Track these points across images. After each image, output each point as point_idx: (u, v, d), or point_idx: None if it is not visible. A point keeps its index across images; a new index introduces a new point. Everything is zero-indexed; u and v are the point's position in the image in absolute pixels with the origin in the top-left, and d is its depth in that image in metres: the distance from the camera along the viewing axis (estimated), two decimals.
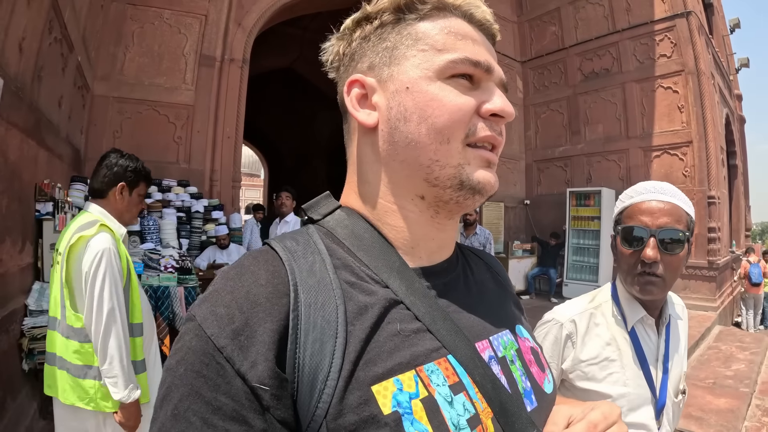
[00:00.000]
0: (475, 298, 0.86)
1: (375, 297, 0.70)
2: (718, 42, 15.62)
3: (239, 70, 8.53)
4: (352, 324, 0.65)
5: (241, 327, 0.61)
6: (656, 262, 1.46)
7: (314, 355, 0.62)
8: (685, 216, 1.51)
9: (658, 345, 1.62)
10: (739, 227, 16.73)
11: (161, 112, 7.73)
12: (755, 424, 6.20)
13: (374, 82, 0.78)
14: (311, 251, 0.72)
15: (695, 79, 11.37)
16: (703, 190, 11.18)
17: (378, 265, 0.74)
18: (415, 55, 0.76)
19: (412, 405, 0.63)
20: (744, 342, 9.76)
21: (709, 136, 11.22)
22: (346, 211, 0.81)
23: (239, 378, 0.59)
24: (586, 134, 13.27)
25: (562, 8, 13.79)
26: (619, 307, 1.64)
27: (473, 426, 0.67)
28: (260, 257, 0.70)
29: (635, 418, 1.52)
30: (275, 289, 0.65)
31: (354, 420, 0.60)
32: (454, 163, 0.75)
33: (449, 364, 0.70)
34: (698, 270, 11.20)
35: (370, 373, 0.63)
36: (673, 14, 11.72)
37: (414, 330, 0.70)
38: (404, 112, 0.75)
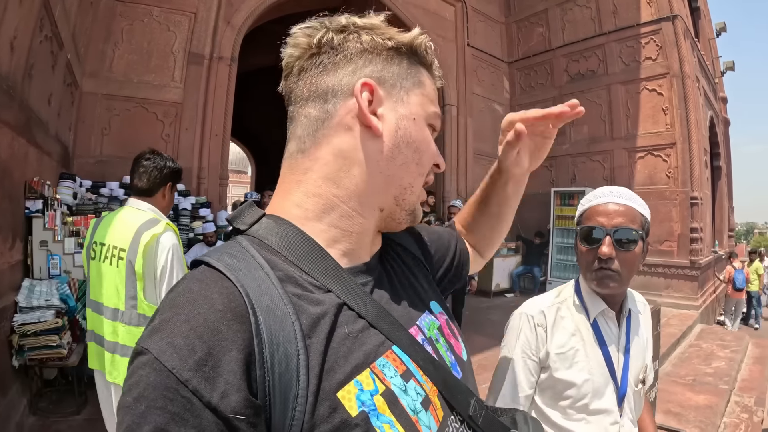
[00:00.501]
0: (399, 287, 0.92)
1: (323, 306, 0.71)
2: (704, 45, 15.77)
3: (228, 68, 8.53)
4: (308, 337, 0.66)
5: (204, 357, 0.58)
6: (612, 258, 1.59)
7: (282, 376, 0.62)
8: (639, 217, 1.63)
9: (619, 336, 1.73)
10: (723, 228, 16.91)
11: (150, 109, 7.73)
12: (734, 420, 6.31)
13: (383, 96, 0.82)
14: (253, 266, 0.70)
15: (680, 81, 11.52)
16: (686, 191, 11.33)
17: (316, 271, 0.74)
18: (418, 94, 0.85)
19: (374, 401, 0.68)
20: (725, 340, 9.87)
21: (692, 138, 11.36)
22: (272, 218, 0.80)
23: (209, 410, 0.57)
24: (572, 135, 13.38)
25: (550, 10, 13.90)
26: (582, 300, 1.76)
27: (426, 407, 0.74)
28: (206, 280, 0.67)
29: (599, 405, 1.64)
30: (234, 314, 0.63)
31: (328, 428, 0.62)
32: (417, 194, 0.88)
33: (395, 354, 0.76)
34: (681, 269, 11.36)
35: (333, 381, 0.65)
36: (659, 18, 11.86)
37: (360, 329, 0.73)
38: (409, 137, 0.83)
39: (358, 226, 0.83)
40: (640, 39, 12.19)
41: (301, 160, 0.82)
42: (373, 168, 0.81)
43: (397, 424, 0.68)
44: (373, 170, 0.81)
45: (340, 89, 0.80)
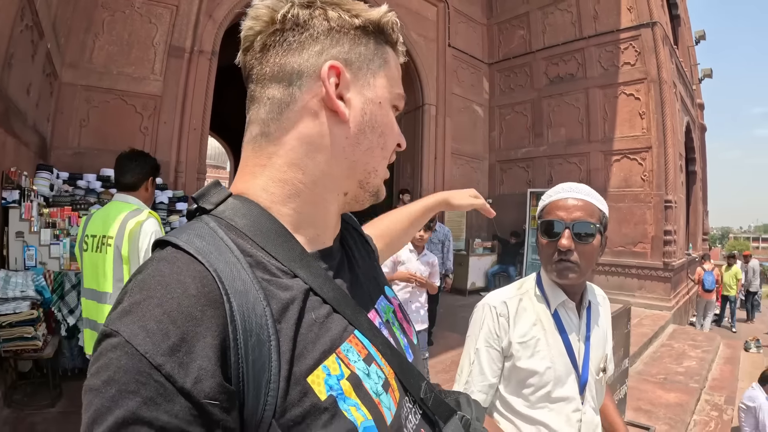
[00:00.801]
0: (358, 270, 0.94)
1: (292, 291, 0.71)
2: (683, 52, 16.03)
3: (208, 62, 8.45)
4: (278, 323, 0.66)
5: (178, 343, 0.58)
6: (571, 250, 1.67)
7: (256, 362, 0.62)
8: (597, 211, 1.71)
9: (580, 326, 1.80)
10: (697, 231, 17.19)
11: (128, 101, 7.62)
12: (704, 417, 6.47)
13: (350, 79, 0.80)
14: (223, 250, 0.68)
15: (657, 87, 11.72)
16: (661, 195, 11.52)
17: (282, 255, 0.74)
18: (383, 76, 0.84)
19: (341, 385, 0.69)
20: (696, 340, 10.06)
21: (668, 142, 11.56)
22: (239, 199, 0.78)
23: (182, 396, 0.56)
24: (549, 137, 13.56)
25: (531, 13, 14.04)
26: (543, 292, 1.83)
27: (386, 389, 0.77)
28: (177, 261, 0.65)
29: (561, 393, 1.71)
30: (208, 300, 0.62)
31: (299, 412, 0.63)
32: (381, 176, 0.88)
33: (358, 339, 0.77)
34: (654, 271, 11.55)
35: (303, 366, 0.66)
36: (638, 24, 12.05)
37: (325, 314, 0.74)
38: (374, 122, 0.82)
39: (323, 211, 0.83)
40: (620, 44, 12.38)
41: (265, 145, 0.80)
42: (339, 154, 0.80)
43: (362, 407, 0.70)
44: (339, 156, 0.80)
45: (305, 71, 0.78)
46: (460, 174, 13.80)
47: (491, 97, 14.97)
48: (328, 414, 0.65)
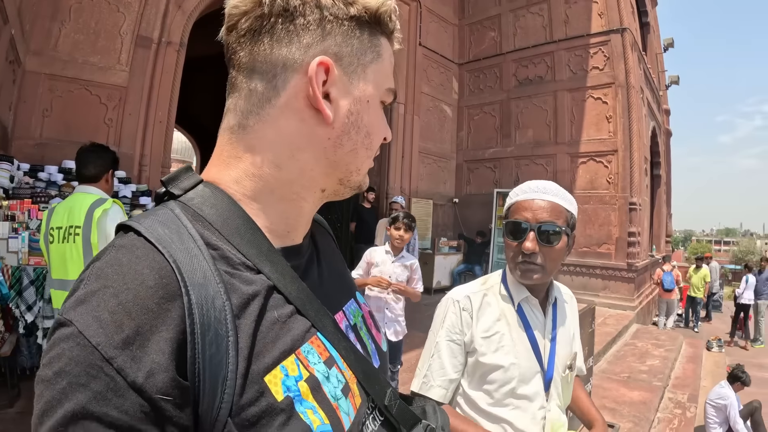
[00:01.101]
0: (327, 272, 0.91)
1: (254, 286, 0.69)
2: (651, 59, 16.37)
3: (176, 53, 8.26)
4: (238, 318, 0.64)
5: (132, 335, 0.56)
6: (535, 252, 1.65)
7: (213, 358, 0.60)
8: (564, 213, 1.68)
9: (545, 323, 1.79)
10: (660, 233, 17.58)
11: (93, 92, 7.37)
12: (667, 415, 6.59)
13: (339, 76, 0.76)
14: (185, 239, 0.66)
15: (624, 92, 11.95)
16: (626, 197, 11.73)
17: (248, 250, 0.71)
18: (374, 71, 0.80)
19: (299, 387, 0.67)
20: (660, 339, 10.26)
21: (634, 146, 11.78)
22: (209, 187, 0.75)
23: (133, 391, 0.54)
24: (517, 138, 13.69)
25: (503, 15, 14.17)
26: (507, 289, 1.81)
27: (346, 394, 0.74)
28: (136, 250, 0.63)
29: (526, 390, 1.69)
30: (166, 292, 0.60)
31: (255, 412, 0.61)
32: (364, 172, 0.85)
33: (320, 341, 0.75)
34: (618, 271, 11.75)
35: (261, 365, 0.64)
36: (608, 29, 12.28)
37: (288, 314, 0.71)
38: (359, 122, 0.78)
39: (297, 209, 0.81)
40: (589, 49, 12.59)
41: (242, 137, 0.76)
42: (320, 154, 0.77)
43: (320, 410, 0.68)
44: (320, 156, 0.78)
45: (291, 65, 0.73)
46: (427, 173, 13.84)
47: (460, 97, 15.05)
48: (284, 416, 0.64)
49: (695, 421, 6.72)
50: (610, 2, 12.28)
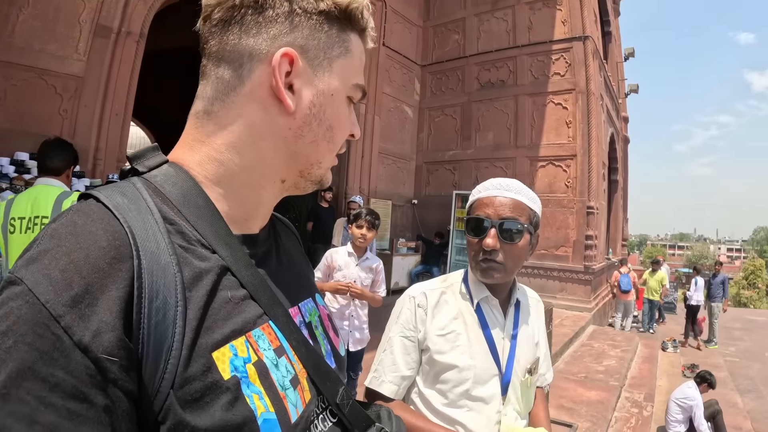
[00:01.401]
0: (285, 267, 0.92)
1: (208, 263, 0.69)
2: (612, 67, 16.77)
3: (135, 44, 7.96)
4: (189, 290, 0.64)
5: (81, 293, 0.55)
6: (496, 249, 1.60)
7: (158, 325, 0.60)
8: (527, 210, 1.65)
9: (505, 324, 1.73)
10: (617, 237, 18.00)
11: (49, 81, 7.03)
12: (624, 414, 6.69)
13: (303, 68, 0.77)
14: (143, 211, 0.66)
15: (585, 98, 12.21)
16: (583, 201, 11.96)
17: (206, 230, 0.72)
18: (341, 66, 0.80)
19: (246, 369, 0.67)
20: (616, 340, 10.49)
21: (592, 151, 12.03)
22: (174, 167, 0.76)
23: (79, 350, 0.53)
24: (477, 140, 13.83)
25: (468, 19, 14.32)
26: (468, 288, 1.76)
27: (294, 386, 0.74)
28: (93, 214, 0.63)
29: (481, 392, 1.63)
30: (118, 253, 0.60)
31: (199, 387, 0.61)
32: (327, 165, 0.86)
33: (271, 329, 0.75)
34: (575, 273, 11.97)
35: (210, 340, 0.64)
36: (571, 37, 12.54)
37: (241, 297, 0.72)
38: (322, 115, 0.79)
39: (256, 197, 0.82)
40: (552, 55, 12.84)
41: (206, 122, 0.78)
42: (280, 144, 0.79)
43: (266, 397, 0.68)
44: (280, 146, 0.79)
45: (257, 55, 0.75)
46: (387, 174, 13.84)
47: (422, 98, 15.12)
48: (230, 395, 0.63)
49: (652, 419, 6.84)
50: (574, 10, 12.53)
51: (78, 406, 0.53)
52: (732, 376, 10.11)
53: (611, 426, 6.16)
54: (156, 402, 0.59)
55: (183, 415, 0.60)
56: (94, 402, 0.54)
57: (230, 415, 0.62)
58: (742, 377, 10.25)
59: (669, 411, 7.11)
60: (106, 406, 0.55)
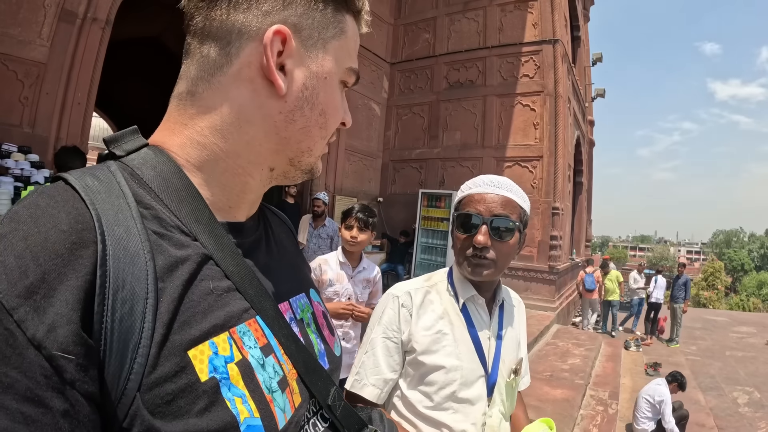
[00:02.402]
0: (277, 259, 0.87)
1: (187, 251, 0.64)
2: (580, 71, 17.06)
3: (101, 31, 7.66)
4: (162, 281, 0.59)
5: (37, 283, 0.50)
6: (487, 246, 1.57)
7: (124, 319, 0.54)
8: (518, 208, 1.63)
9: (490, 324, 1.71)
10: (581, 238, 18.30)
11: (10, 66, 6.70)
12: (590, 412, 6.78)
13: (296, 48, 0.73)
14: (115, 194, 0.61)
15: (552, 101, 12.38)
16: (549, 201, 12.12)
17: (186, 215, 0.67)
18: (336, 48, 0.77)
19: (228, 369, 0.61)
20: (580, 339, 10.67)
21: (558, 153, 12.20)
22: (154, 150, 0.71)
23: (33, 347, 0.48)
24: (444, 140, 13.89)
25: (439, 18, 14.36)
26: (453, 286, 1.74)
27: (283, 388, 0.69)
28: (57, 196, 0.58)
29: (467, 394, 1.60)
30: (79, 237, 0.54)
31: (171, 390, 0.55)
32: (317, 154, 0.82)
33: (258, 325, 0.70)
34: (539, 273, 12.12)
35: (185, 336, 0.59)
36: (541, 40, 12.68)
37: (225, 289, 0.67)
38: (315, 99, 0.75)
39: (241, 184, 0.77)
40: (521, 57, 12.97)
41: (190, 104, 0.73)
42: (269, 129, 0.74)
43: (250, 400, 0.62)
44: (269, 131, 0.74)
45: (247, 32, 0.70)
46: (353, 171, 13.79)
47: (390, 96, 15.09)
48: (207, 399, 0.57)
49: (617, 417, 6.96)
50: (545, 14, 12.68)
51: (33, 410, 0.48)
52: (693, 374, 10.35)
53: (577, 424, 6.23)
54: (120, 407, 0.54)
55: (152, 422, 0.54)
56: (50, 406, 0.49)
57: (206, 421, 0.57)
58: (704, 375, 10.50)
59: (638, 407, 7.20)
60: (65, 411, 0.50)
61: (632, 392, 8.92)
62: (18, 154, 6.55)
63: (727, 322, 19.34)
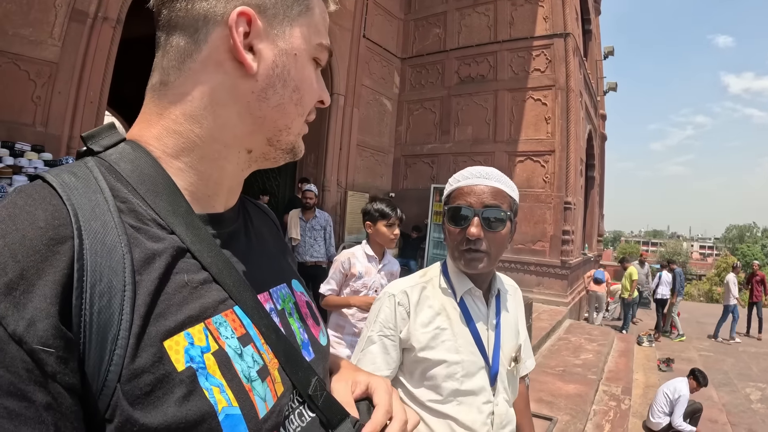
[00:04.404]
0: (256, 250, 0.88)
1: (163, 244, 0.65)
2: (591, 65, 16.92)
3: (112, 30, 7.74)
4: (139, 274, 0.60)
5: (16, 279, 0.51)
6: (480, 238, 1.58)
7: (102, 311, 0.56)
8: (507, 198, 1.64)
9: (488, 315, 1.73)
10: (592, 233, 18.20)
11: (22, 67, 6.74)
12: (603, 407, 6.76)
13: (263, 28, 0.74)
14: (93, 189, 0.63)
15: (564, 95, 12.33)
16: (561, 196, 12.07)
17: (163, 208, 0.68)
18: (303, 25, 0.78)
19: (204, 359, 0.62)
20: (592, 334, 10.61)
21: (570, 147, 12.14)
22: (131, 144, 0.73)
23: (14, 342, 0.50)
24: (456, 134, 13.89)
25: (449, 13, 14.33)
26: (449, 280, 1.74)
27: (263, 377, 0.70)
28: (35, 194, 0.59)
29: (471, 385, 1.62)
30: (56, 233, 0.56)
31: (149, 380, 0.56)
32: (296, 132, 0.82)
33: (236, 315, 0.71)
34: (552, 268, 12.09)
35: (161, 327, 0.60)
36: (552, 33, 12.63)
37: (201, 281, 0.68)
38: (287, 76, 0.76)
39: (219, 169, 0.77)
40: (532, 51, 12.91)
41: (163, 93, 0.74)
42: (243, 109, 0.75)
43: (228, 390, 0.63)
44: (243, 111, 0.75)
45: (212, 17, 0.71)
46: (365, 166, 13.83)
47: (401, 91, 15.10)
48: (184, 388, 0.58)
49: (630, 412, 6.94)
50: (556, 7, 12.61)
51: (17, 404, 0.49)
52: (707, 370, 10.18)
53: (590, 419, 6.21)
54: (102, 398, 0.55)
55: (131, 412, 0.55)
56: (33, 400, 0.50)
57: (185, 410, 0.58)
58: (716, 371, 10.41)
59: (656, 401, 7.20)
60: (48, 404, 0.51)
61: (645, 388, 8.89)
62: (31, 152, 6.63)
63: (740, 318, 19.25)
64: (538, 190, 12.38)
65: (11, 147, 6.47)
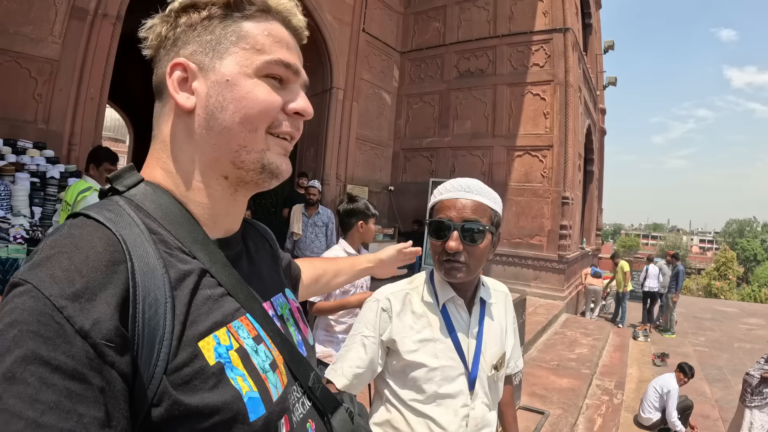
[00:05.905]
0: (257, 266, 1.03)
1: (190, 265, 0.79)
2: (591, 59, 16.89)
3: (112, 26, 7.76)
4: (175, 289, 0.74)
5: (82, 290, 0.62)
6: (459, 251, 1.65)
7: (151, 318, 0.68)
8: (488, 211, 1.70)
9: (470, 323, 1.80)
10: (591, 227, 18.25)
11: (23, 64, 6.82)
12: (595, 401, 6.81)
13: (196, 68, 0.83)
14: (129, 223, 0.75)
15: (563, 89, 12.31)
16: (559, 191, 12.10)
17: (185, 238, 0.81)
18: (236, 52, 0.84)
19: (230, 355, 0.76)
20: (588, 329, 10.67)
21: (569, 142, 12.15)
22: (150, 185, 0.84)
23: (80, 337, 0.60)
24: (454, 128, 13.90)
25: (449, 7, 14.28)
26: (433, 288, 1.83)
27: (274, 369, 0.85)
28: (86, 226, 0.71)
29: (449, 389, 1.70)
30: (113, 257, 0.68)
31: (188, 372, 0.70)
32: (258, 149, 0.86)
33: (249, 321, 0.85)
34: (549, 262, 12.14)
35: (195, 331, 0.73)
36: (552, 28, 12.58)
37: (220, 294, 0.82)
38: (222, 101, 0.83)
39: (210, 197, 0.88)
40: (531, 46, 12.87)
41: (155, 142, 0.89)
42: (198, 142, 0.85)
43: (249, 378, 0.77)
44: (198, 144, 0.85)
45: (162, 78, 0.85)
46: (364, 160, 13.88)
47: (400, 85, 15.11)
48: (215, 378, 0.72)
49: (622, 407, 6.99)
50: (555, 2, 12.56)
51: (77, 386, 0.58)
52: (701, 366, 10.35)
53: (582, 413, 6.27)
54: (150, 387, 0.67)
55: (177, 396, 0.68)
56: (91, 382, 0.60)
57: (217, 395, 0.71)
58: (711, 367, 10.52)
59: (647, 396, 7.33)
60: (102, 387, 0.61)
61: (638, 382, 8.97)
62: (33, 150, 6.71)
63: (736, 314, 19.33)
64: (536, 184, 12.40)
65: (13, 144, 6.53)
